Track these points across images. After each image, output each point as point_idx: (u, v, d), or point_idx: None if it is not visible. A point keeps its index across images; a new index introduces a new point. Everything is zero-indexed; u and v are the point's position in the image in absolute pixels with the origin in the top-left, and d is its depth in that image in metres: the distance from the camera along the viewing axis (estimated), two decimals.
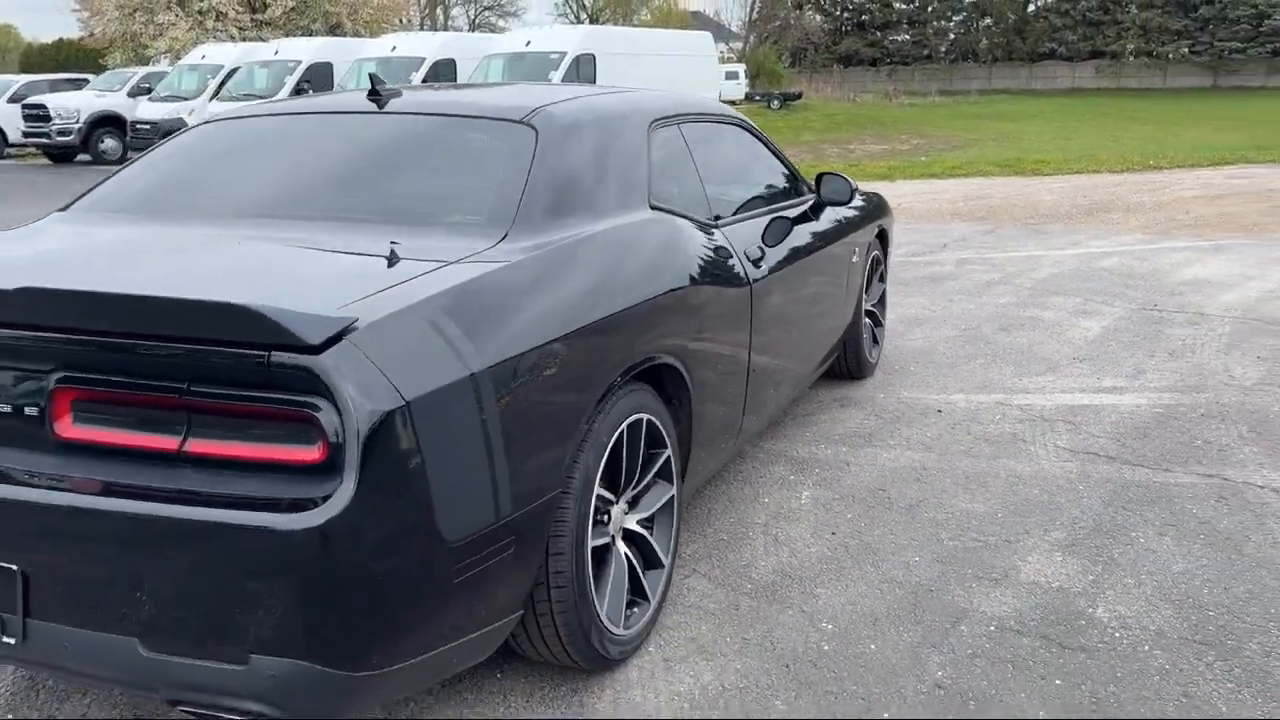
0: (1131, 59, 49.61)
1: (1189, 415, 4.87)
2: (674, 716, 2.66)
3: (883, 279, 5.75)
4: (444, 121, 3.19)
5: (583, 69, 17.09)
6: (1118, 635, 3.00)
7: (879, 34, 55.10)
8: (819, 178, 4.50)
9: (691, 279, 3.18)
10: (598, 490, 2.68)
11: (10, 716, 2.61)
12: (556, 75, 16.72)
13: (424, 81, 18.22)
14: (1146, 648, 2.93)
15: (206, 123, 3.52)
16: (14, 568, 2.15)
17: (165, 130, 20.83)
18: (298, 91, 19.71)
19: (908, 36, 54.64)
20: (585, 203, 2.91)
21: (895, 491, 4.07)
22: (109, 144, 22.35)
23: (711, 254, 3.39)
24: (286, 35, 25.39)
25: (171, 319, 2.06)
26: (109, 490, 2.08)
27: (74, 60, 43.60)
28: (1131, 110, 35.67)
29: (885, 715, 2.32)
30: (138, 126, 21.29)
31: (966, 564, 3.45)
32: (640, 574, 2.96)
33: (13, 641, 2.19)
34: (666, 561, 3.09)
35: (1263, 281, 7.88)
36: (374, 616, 2.04)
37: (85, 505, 2.08)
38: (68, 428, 2.15)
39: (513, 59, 17.56)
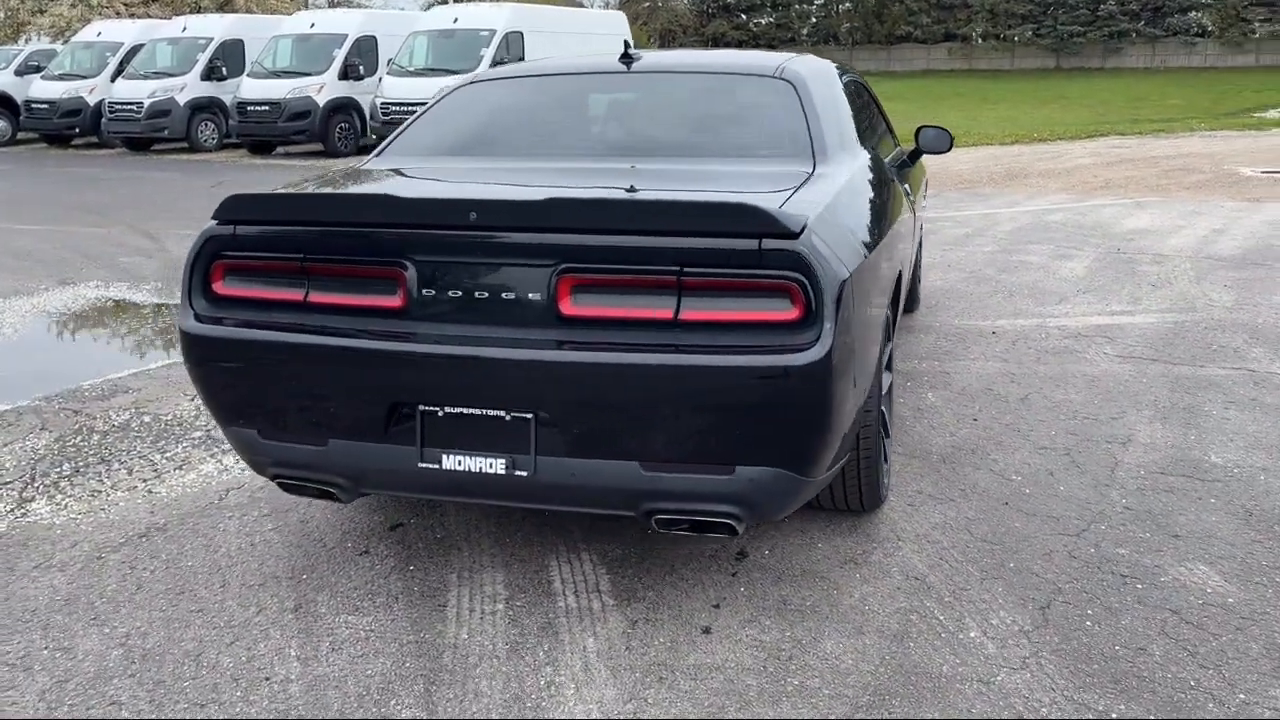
0: (980, 41, 52.58)
1: (1195, 328, 5.92)
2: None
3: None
4: (714, 78, 3.87)
5: (512, 46, 17.53)
6: (1235, 471, 3.92)
7: (744, 17, 56.77)
8: (919, 130, 5.31)
9: (900, 205, 3.96)
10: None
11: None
12: (488, 52, 17.11)
13: (346, 59, 18.29)
14: (1262, 478, 3.87)
15: (470, 84, 4.07)
16: (529, 416, 2.76)
17: (66, 110, 20.21)
18: (210, 71, 19.43)
19: (772, 19, 56.50)
20: (843, 140, 3.63)
21: (1001, 389, 4.94)
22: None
23: (899, 185, 4.17)
24: (176, 15, 24.71)
25: (670, 217, 2.70)
26: (614, 348, 2.70)
27: None
28: (984, 91, 37.90)
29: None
30: (33, 106, 20.55)
31: (1093, 434, 4.34)
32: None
33: (525, 474, 2.80)
34: (890, 431, 3.87)
35: (1193, 229, 9.15)
36: (831, 431, 2.73)
37: (593, 361, 2.69)
38: (569, 306, 2.75)
39: (440, 36, 17.82)
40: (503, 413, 2.80)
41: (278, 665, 2.84)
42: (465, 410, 2.82)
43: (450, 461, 2.86)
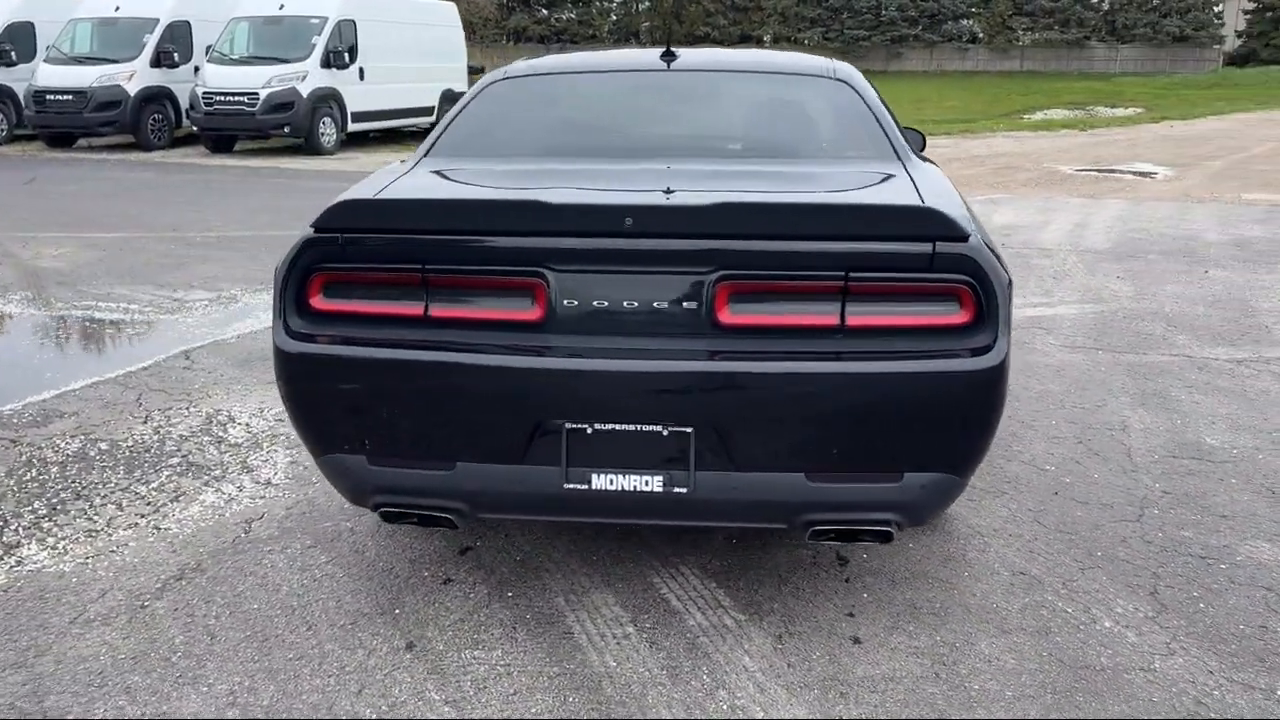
0: (772, 44, 54.57)
1: (1116, 318, 6.34)
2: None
3: None
4: (772, 78, 3.81)
5: (344, 35, 16.72)
6: (1234, 452, 4.23)
7: (545, 12, 56.62)
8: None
9: None
10: None
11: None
12: (320, 40, 16.25)
13: (159, 45, 16.96)
14: (1261, 457, 4.18)
15: (509, 78, 3.83)
16: (687, 430, 2.63)
17: None
18: None
19: (573, 15, 56.62)
20: (906, 139, 3.65)
21: None
22: None
23: None
24: None
25: (839, 221, 2.64)
26: (780, 357, 2.62)
27: None
28: None
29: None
30: None
31: (1090, 422, 4.57)
32: None
33: (684, 491, 2.67)
34: None
35: (1058, 224, 9.81)
36: (994, 433, 2.74)
37: (760, 371, 2.60)
38: (728, 315, 2.65)
39: (266, 23, 16.77)
40: (659, 428, 2.66)
41: (427, 711, 2.60)
42: (617, 427, 2.67)
43: (600, 481, 2.69)
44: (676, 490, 2.68)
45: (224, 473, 4.05)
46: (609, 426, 2.67)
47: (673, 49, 3.86)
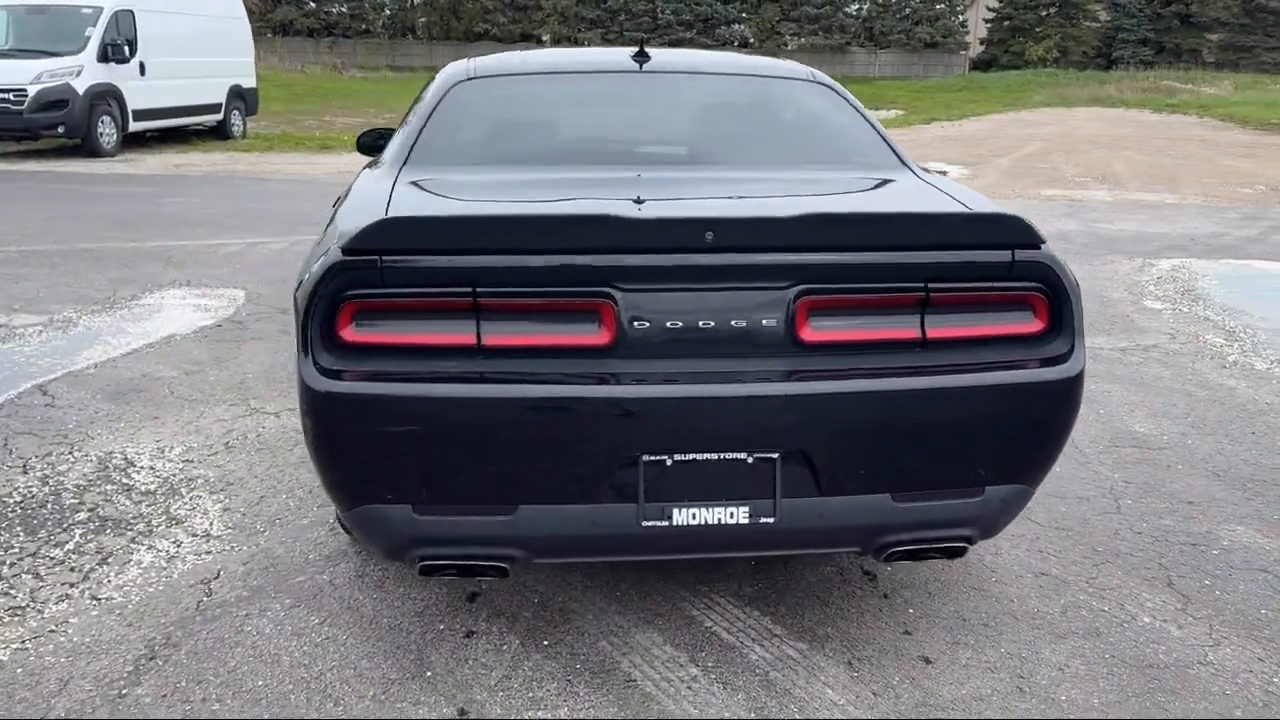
0: (551, 44, 54.61)
1: None
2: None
3: None
4: (755, 80, 3.66)
5: (122, 26, 15.26)
6: (1165, 439, 4.46)
7: (314, 4, 54.24)
8: None
9: None
10: None
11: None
12: (95, 32, 14.76)
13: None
14: (1190, 442, 4.43)
15: (477, 78, 3.51)
16: (773, 456, 2.47)
17: None
18: None
19: (344, 9, 54.51)
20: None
21: None
22: None
23: None
24: None
25: (922, 230, 2.54)
26: (865, 374, 2.50)
27: None
28: None
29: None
30: None
31: None
32: None
33: (771, 521, 2.50)
34: None
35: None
36: (1065, 441, 2.72)
37: (848, 391, 2.48)
38: (809, 332, 2.50)
39: (29, 12, 15.07)
40: (744, 455, 2.48)
41: None
42: (699, 457, 2.47)
43: (682, 516, 2.49)
44: (763, 521, 2.51)
45: (149, 527, 3.53)
46: (690, 457, 2.47)
47: (645, 49, 3.66)
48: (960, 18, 53.55)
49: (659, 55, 3.68)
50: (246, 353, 5.49)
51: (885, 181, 3.19)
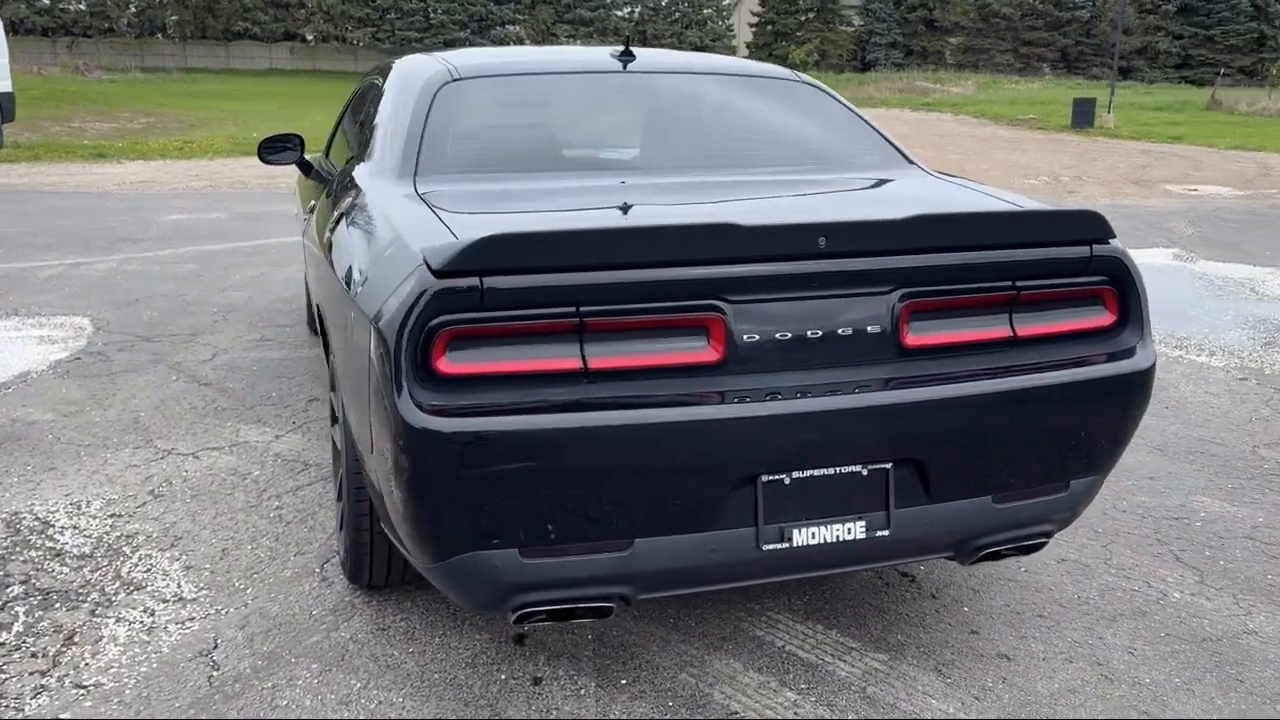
0: (320, 42, 52.48)
1: None
2: None
3: None
4: (748, 81, 3.55)
5: None
6: None
7: (49, 1, 49.69)
8: None
9: None
10: None
11: None
12: None
13: None
14: None
15: (463, 79, 3.21)
16: (886, 466, 2.40)
17: None
18: None
19: (83, 6, 50.21)
20: None
21: None
22: None
23: None
24: None
25: (1013, 228, 2.52)
26: (966, 377, 2.46)
27: None
28: (346, 92, 38.22)
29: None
30: None
31: None
32: None
33: (886, 534, 2.42)
34: None
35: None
36: (1135, 431, 2.77)
37: (947, 394, 2.43)
38: (912, 336, 2.44)
39: None
40: (859, 467, 2.39)
41: None
42: (816, 473, 2.36)
43: (802, 536, 2.37)
44: (879, 533, 2.42)
45: (105, 596, 3.05)
46: (808, 473, 2.35)
47: (630, 48, 3.49)
48: (727, 22, 55.47)
49: (645, 55, 3.53)
50: (125, 387, 4.89)
51: (907, 181, 3.17)
